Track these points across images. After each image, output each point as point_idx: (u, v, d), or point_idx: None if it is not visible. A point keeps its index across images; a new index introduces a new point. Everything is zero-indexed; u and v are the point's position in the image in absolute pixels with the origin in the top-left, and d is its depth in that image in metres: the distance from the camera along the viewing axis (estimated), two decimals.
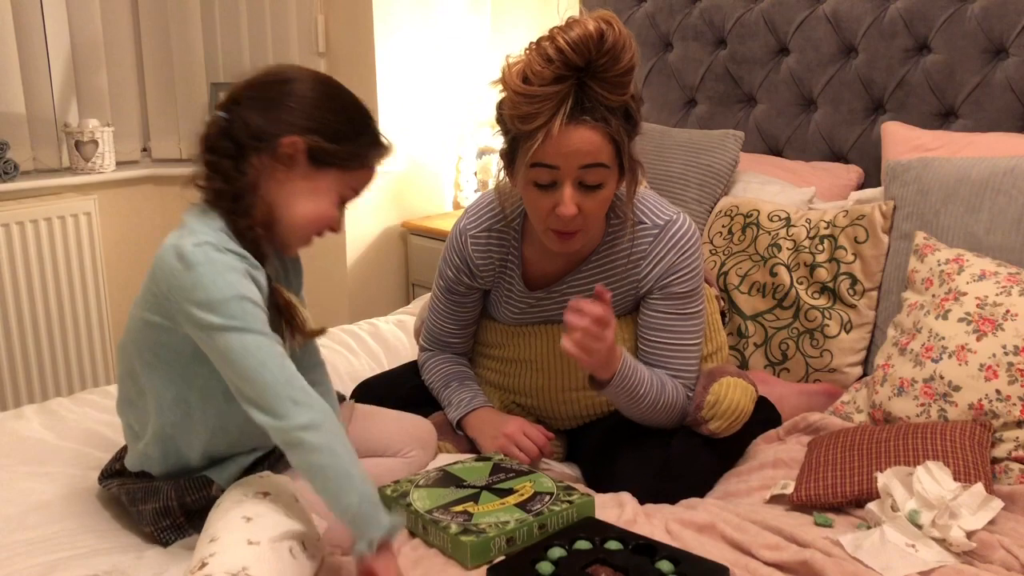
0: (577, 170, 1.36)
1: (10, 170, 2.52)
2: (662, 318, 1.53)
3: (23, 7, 2.58)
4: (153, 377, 1.28)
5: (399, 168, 3.03)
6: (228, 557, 1.07)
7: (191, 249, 1.17)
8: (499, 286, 1.62)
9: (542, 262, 1.57)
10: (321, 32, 2.94)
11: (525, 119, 1.33)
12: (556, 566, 1.17)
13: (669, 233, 1.51)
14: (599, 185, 1.39)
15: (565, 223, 1.40)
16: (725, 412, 1.50)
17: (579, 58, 1.29)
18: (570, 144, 1.34)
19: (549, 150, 1.34)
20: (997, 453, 1.45)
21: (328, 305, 2.99)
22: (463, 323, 1.69)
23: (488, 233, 1.59)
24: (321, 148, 1.26)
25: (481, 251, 1.59)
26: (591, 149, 1.35)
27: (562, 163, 1.35)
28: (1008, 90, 1.99)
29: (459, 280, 1.63)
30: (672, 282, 1.52)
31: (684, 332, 1.54)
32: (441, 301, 1.67)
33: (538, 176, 1.38)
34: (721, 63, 2.45)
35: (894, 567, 1.17)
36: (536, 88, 1.31)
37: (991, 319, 1.54)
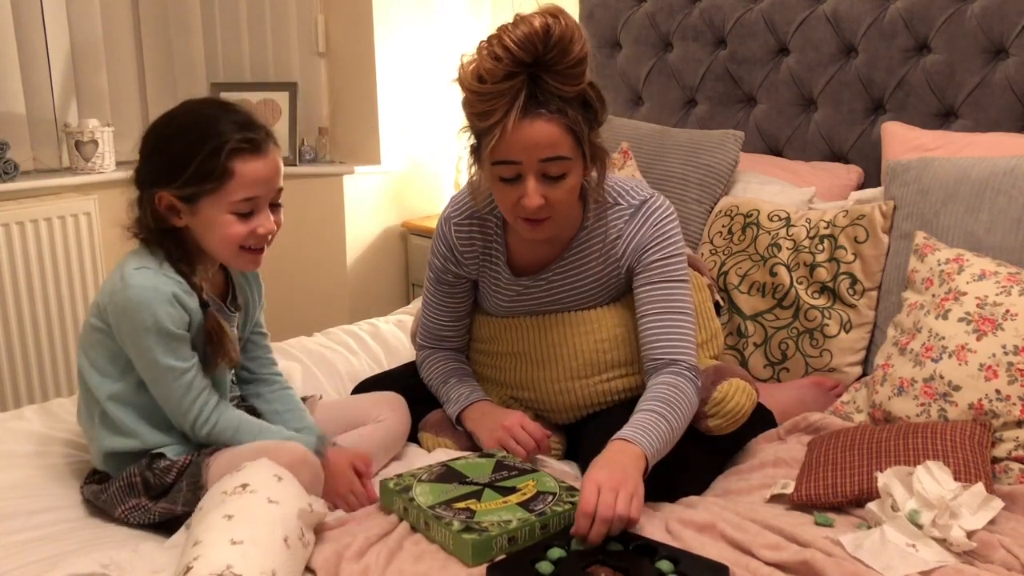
0: (538, 163, 1.39)
1: (10, 170, 2.52)
2: (650, 290, 1.53)
3: (23, 7, 2.58)
4: (94, 375, 1.41)
5: (399, 168, 3.03)
6: (212, 558, 1.08)
7: (131, 271, 1.34)
8: (486, 275, 1.64)
9: (526, 249, 1.60)
10: (321, 32, 2.94)
11: (481, 116, 1.37)
12: (556, 566, 1.17)
13: (643, 211, 1.54)
14: (562, 175, 1.41)
15: (532, 213, 1.43)
16: (728, 412, 1.50)
17: (526, 55, 1.32)
18: (528, 138, 1.36)
19: (508, 146, 1.37)
20: (997, 453, 1.46)
21: (328, 305, 2.99)
22: (456, 315, 1.70)
23: (471, 221, 1.62)
24: (176, 192, 1.34)
25: (464, 238, 1.62)
26: (549, 141, 1.37)
27: (523, 157, 1.38)
28: (1008, 90, 2.00)
29: (446, 269, 1.65)
30: (648, 252, 1.53)
31: (678, 298, 1.52)
32: (432, 293, 1.70)
33: (502, 172, 1.41)
34: (721, 63, 2.46)
35: (894, 567, 1.17)
36: (489, 86, 1.34)
37: (991, 319, 1.54)
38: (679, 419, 1.42)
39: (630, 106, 2.66)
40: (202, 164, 1.32)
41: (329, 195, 2.91)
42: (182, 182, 1.33)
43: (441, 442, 1.60)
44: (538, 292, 1.61)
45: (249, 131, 1.34)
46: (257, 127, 1.36)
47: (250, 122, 1.36)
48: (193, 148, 1.33)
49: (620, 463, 1.29)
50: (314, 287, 2.96)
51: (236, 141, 1.32)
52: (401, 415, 1.60)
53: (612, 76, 2.67)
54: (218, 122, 1.34)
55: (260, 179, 1.35)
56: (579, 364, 1.58)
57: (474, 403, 1.60)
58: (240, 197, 1.34)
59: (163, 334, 1.33)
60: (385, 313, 2.42)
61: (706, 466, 1.54)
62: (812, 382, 1.84)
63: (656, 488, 1.42)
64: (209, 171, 1.32)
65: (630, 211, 1.55)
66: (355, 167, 2.92)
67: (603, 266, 1.57)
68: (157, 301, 1.32)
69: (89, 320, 1.41)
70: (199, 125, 1.34)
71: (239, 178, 1.33)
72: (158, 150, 1.36)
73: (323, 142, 2.99)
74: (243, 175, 1.33)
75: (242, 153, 1.33)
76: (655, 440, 1.36)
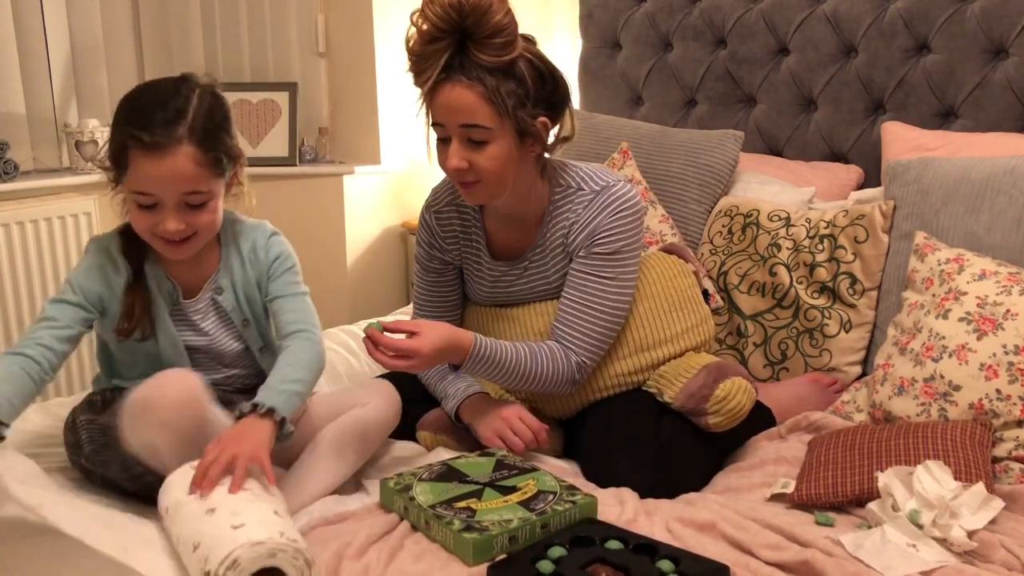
0: (459, 128, 1.48)
1: (10, 170, 2.52)
2: (577, 277, 1.57)
3: (23, 7, 2.58)
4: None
5: (399, 168, 3.03)
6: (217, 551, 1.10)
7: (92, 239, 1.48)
8: (468, 260, 1.70)
9: (504, 232, 1.65)
10: (321, 32, 2.94)
11: (415, 77, 1.49)
12: (557, 565, 1.17)
13: (603, 197, 1.56)
14: (483, 143, 1.48)
15: (456, 175, 1.52)
16: (729, 411, 1.52)
17: (443, 22, 1.42)
18: (446, 101, 1.46)
19: (434, 108, 1.49)
20: (997, 453, 1.46)
21: (328, 305, 2.98)
22: (446, 304, 1.74)
23: (449, 208, 1.69)
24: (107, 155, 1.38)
25: (444, 223, 1.70)
26: (465, 107, 1.45)
27: (445, 119, 1.48)
28: (1008, 90, 2.00)
29: (431, 256, 1.71)
30: (596, 241, 1.55)
31: (596, 295, 1.56)
32: (421, 284, 1.75)
33: (437, 133, 1.52)
34: (721, 63, 2.46)
35: (895, 567, 1.17)
36: (417, 48, 1.46)
37: (991, 319, 1.54)
38: (532, 369, 1.52)
39: (630, 106, 2.66)
40: (109, 148, 1.37)
41: (329, 195, 2.90)
42: (109, 147, 1.38)
43: (440, 440, 1.59)
44: (518, 279, 1.66)
45: (151, 129, 1.32)
46: (166, 129, 1.33)
47: (166, 120, 1.33)
48: (111, 131, 1.38)
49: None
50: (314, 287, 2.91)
51: (132, 136, 1.32)
52: (387, 398, 1.57)
53: (612, 76, 2.67)
54: (133, 111, 1.36)
55: (153, 178, 1.34)
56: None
57: (471, 396, 1.60)
58: (136, 189, 1.35)
59: (70, 292, 1.42)
60: (385, 313, 2.42)
61: (705, 463, 1.56)
62: (810, 379, 1.84)
63: (655, 484, 1.43)
64: (111, 157, 1.37)
65: (590, 196, 1.57)
66: (355, 167, 2.92)
67: (564, 250, 1.60)
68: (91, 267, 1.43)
69: None
70: (121, 109, 1.38)
71: (132, 172, 1.34)
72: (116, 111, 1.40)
73: (323, 142, 2.99)
74: (136, 170, 1.34)
75: (137, 149, 1.33)
76: (495, 354, 1.50)
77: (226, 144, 1.40)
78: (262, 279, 1.52)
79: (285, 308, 1.50)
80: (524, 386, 1.55)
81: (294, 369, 1.39)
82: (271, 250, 1.53)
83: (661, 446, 1.50)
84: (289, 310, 1.49)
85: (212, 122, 1.37)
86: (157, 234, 1.38)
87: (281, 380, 1.36)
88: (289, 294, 1.51)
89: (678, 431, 1.54)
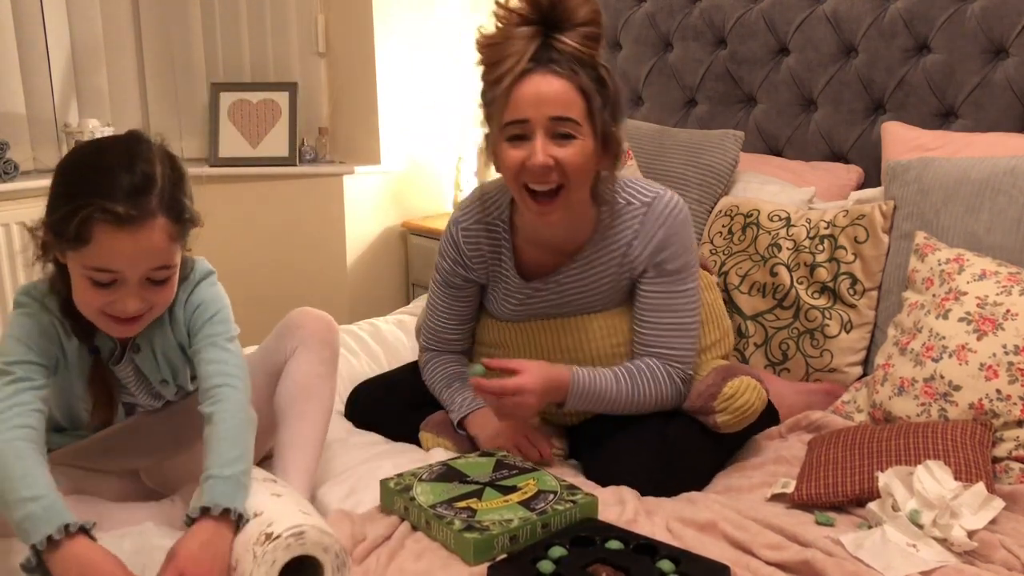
0: (547, 120, 1.38)
1: (10, 170, 2.52)
2: (658, 297, 1.53)
3: (23, 7, 2.58)
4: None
5: (399, 168, 3.03)
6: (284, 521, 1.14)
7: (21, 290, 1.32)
8: (495, 279, 1.63)
9: (535, 253, 1.58)
10: (321, 32, 2.94)
11: (494, 67, 1.39)
12: (557, 565, 1.17)
13: (656, 210, 1.51)
14: (571, 136, 1.40)
15: (539, 176, 1.40)
16: (737, 409, 1.50)
17: (532, 8, 1.37)
18: (538, 91, 1.37)
19: (518, 100, 1.38)
20: (997, 453, 1.46)
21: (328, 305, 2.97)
22: (461, 318, 1.69)
23: (478, 225, 1.61)
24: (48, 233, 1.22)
25: (472, 242, 1.61)
26: (559, 98, 1.38)
27: (531, 113, 1.38)
28: (1008, 90, 2.00)
29: (455, 272, 1.64)
30: (664, 259, 1.52)
31: (680, 310, 1.53)
32: (439, 296, 1.68)
33: (511, 131, 1.41)
34: (721, 63, 2.46)
35: (895, 567, 1.17)
36: (502, 33, 1.39)
37: (991, 319, 1.54)
38: (635, 393, 1.49)
39: (630, 106, 2.66)
40: (61, 219, 1.17)
41: (329, 195, 2.90)
42: (48, 226, 1.22)
43: (441, 442, 1.59)
44: (548, 296, 1.59)
45: (124, 202, 1.16)
46: (138, 199, 1.18)
47: (136, 189, 1.18)
48: (60, 198, 1.20)
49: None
50: (314, 287, 2.96)
51: (100, 209, 1.15)
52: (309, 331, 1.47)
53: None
54: (95, 179, 1.18)
55: (123, 255, 1.19)
56: (591, 354, 1.57)
57: (477, 409, 1.59)
58: (95, 266, 1.19)
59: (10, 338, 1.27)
60: (385, 313, 2.42)
61: (708, 463, 1.55)
62: (824, 389, 1.83)
63: (659, 483, 1.43)
64: (63, 230, 1.18)
65: (643, 210, 1.52)
66: (355, 167, 2.92)
67: (618, 268, 1.55)
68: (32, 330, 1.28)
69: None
70: (75, 173, 1.22)
71: (96, 247, 1.17)
72: (52, 180, 1.24)
73: (323, 142, 2.99)
74: (101, 245, 1.17)
75: (104, 223, 1.16)
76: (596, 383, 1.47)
77: (190, 211, 1.25)
78: (183, 337, 1.38)
79: (204, 360, 1.33)
80: (627, 411, 1.51)
81: (230, 445, 1.24)
82: (190, 304, 1.36)
83: (666, 444, 1.49)
84: (208, 362, 1.32)
85: (178, 187, 1.24)
86: (109, 313, 1.23)
87: (222, 464, 1.22)
88: (207, 346, 1.34)
89: (685, 430, 1.53)
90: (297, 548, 1.12)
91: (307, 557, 1.13)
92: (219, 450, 1.23)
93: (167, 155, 1.26)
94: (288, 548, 1.11)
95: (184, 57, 2.92)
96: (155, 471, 1.46)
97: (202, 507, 1.16)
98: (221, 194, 2.87)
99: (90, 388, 1.35)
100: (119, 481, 1.45)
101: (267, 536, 1.12)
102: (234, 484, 1.20)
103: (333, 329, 1.51)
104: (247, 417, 1.29)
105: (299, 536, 1.12)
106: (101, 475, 1.43)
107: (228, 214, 2.84)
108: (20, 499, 1.13)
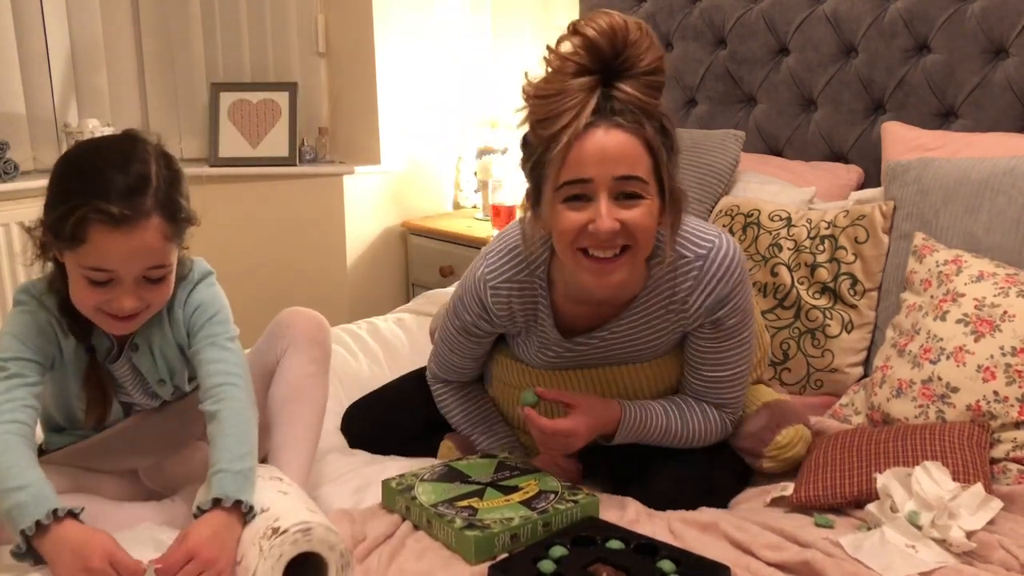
0: (612, 181, 1.24)
1: (10, 170, 2.52)
2: (713, 351, 1.43)
3: (23, 7, 2.58)
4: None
5: (399, 168, 3.03)
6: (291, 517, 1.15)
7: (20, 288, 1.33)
8: (530, 334, 1.48)
9: (575, 309, 1.43)
10: (321, 32, 2.94)
11: (548, 122, 1.24)
12: (558, 564, 1.17)
13: (715, 264, 1.37)
14: (638, 196, 1.26)
15: (603, 242, 1.26)
16: (787, 459, 1.47)
17: (606, 44, 1.21)
18: (602, 148, 1.23)
19: (578, 157, 1.23)
20: (995, 454, 1.46)
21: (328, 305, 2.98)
22: (477, 358, 1.58)
23: (509, 284, 1.43)
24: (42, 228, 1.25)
25: (502, 302, 1.44)
26: (625, 155, 1.24)
27: (594, 172, 1.24)
28: (1008, 90, 2.00)
29: (477, 325, 1.49)
30: (723, 315, 1.39)
31: (734, 363, 1.44)
32: (454, 339, 1.54)
33: (568, 192, 1.26)
34: (721, 63, 2.46)
35: (894, 568, 1.17)
36: (557, 84, 1.23)
37: (989, 320, 1.54)
38: (684, 429, 1.44)
39: None
40: (58, 219, 1.19)
41: (329, 195, 2.91)
42: (45, 226, 1.24)
43: (446, 445, 1.59)
44: (591, 351, 1.46)
45: (118, 202, 1.17)
46: (133, 199, 1.19)
47: (130, 189, 1.19)
48: (56, 198, 1.21)
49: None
50: (314, 287, 2.96)
51: (95, 209, 1.17)
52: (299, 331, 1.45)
53: None
54: (90, 180, 1.19)
55: (117, 255, 1.20)
56: (634, 391, 1.49)
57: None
58: (91, 265, 1.21)
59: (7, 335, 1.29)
60: (385, 313, 2.42)
61: (731, 491, 1.50)
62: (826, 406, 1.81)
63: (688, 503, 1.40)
64: (59, 230, 1.20)
65: (699, 263, 1.37)
66: (355, 167, 2.93)
67: (671, 323, 1.43)
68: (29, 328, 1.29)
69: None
70: (70, 173, 1.23)
71: (91, 247, 1.19)
72: (49, 180, 1.25)
73: (323, 142, 2.99)
74: (96, 245, 1.19)
75: (99, 223, 1.17)
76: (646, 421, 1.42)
77: (186, 210, 1.26)
78: (182, 337, 1.38)
79: (205, 360, 1.33)
80: (673, 446, 1.45)
81: (238, 441, 1.26)
82: (189, 304, 1.37)
83: (710, 485, 1.44)
84: (209, 361, 1.33)
85: (173, 187, 1.24)
86: (106, 311, 1.25)
87: (231, 459, 1.23)
88: (208, 346, 1.34)
89: (728, 469, 1.49)
90: (304, 544, 1.13)
91: (311, 555, 1.14)
92: (227, 445, 1.25)
93: (163, 154, 1.27)
94: (295, 543, 1.12)
95: (184, 57, 2.92)
96: (154, 471, 1.46)
97: (214, 498, 1.18)
98: (221, 194, 2.87)
99: (85, 386, 1.36)
100: (119, 481, 1.45)
101: (274, 531, 1.13)
102: (243, 478, 1.22)
103: (324, 328, 1.51)
104: (251, 415, 1.31)
105: (306, 532, 1.13)
106: (101, 475, 1.44)
107: (228, 214, 2.84)
108: (7, 489, 1.15)
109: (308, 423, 1.43)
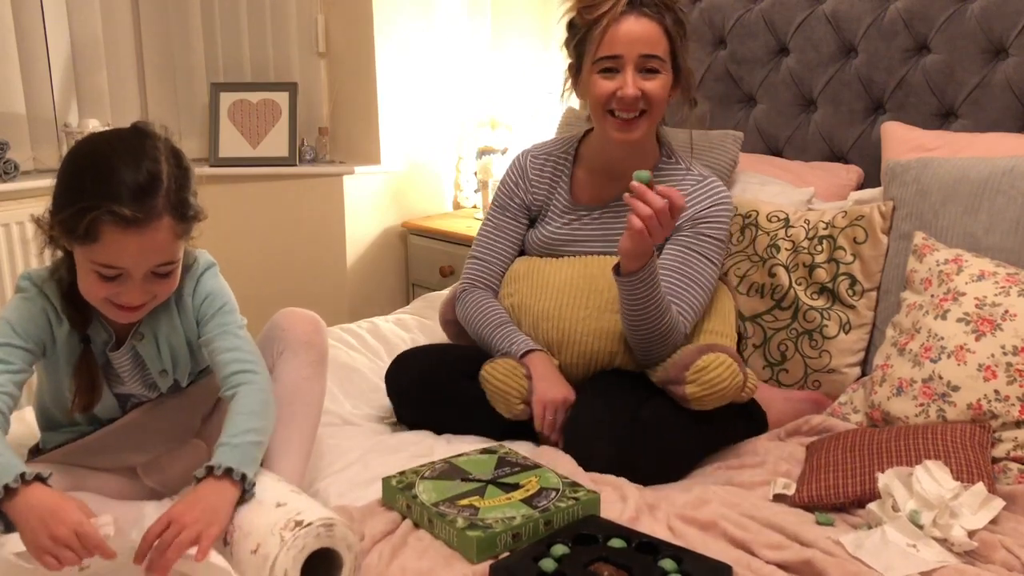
0: (637, 58, 1.62)
1: (10, 170, 2.52)
2: (686, 254, 1.68)
3: (23, 7, 2.58)
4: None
5: (399, 168, 3.03)
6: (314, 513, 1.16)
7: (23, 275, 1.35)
8: (546, 207, 1.83)
9: (593, 181, 1.79)
10: (321, 32, 2.94)
11: (592, 8, 1.62)
12: (559, 563, 1.17)
13: (712, 186, 1.73)
14: (656, 71, 1.64)
15: (627, 104, 1.63)
16: (707, 382, 1.50)
17: None
18: (631, 32, 1.61)
19: (612, 39, 1.61)
20: (996, 453, 1.46)
21: (328, 305, 2.99)
22: (505, 250, 1.85)
23: (546, 156, 1.86)
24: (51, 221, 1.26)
25: (537, 168, 1.85)
26: (649, 38, 1.62)
27: (624, 51, 1.62)
28: (1008, 90, 2.00)
29: (513, 194, 1.85)
30: (704, 226, 1.69)
31: (702, 272, 1.68)
32: (491, 223, 1.87)
33: (603, 65, 1.64)
34: (721, 63, 2.46)
35: (895, 567, 1.17)
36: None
37: (990, 319, 1.54)
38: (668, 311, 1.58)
39: None
40: (69, 218, 1.21)
41: (329, 195, 2.91)
42: (56, 220, 1.25)
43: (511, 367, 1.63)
44: (590, 224, 1.77)
45: (130, 204, 1.19)
46: (144, 201, 1.20)
47: (142, 190, 1.20)
48: (68, 196, 1.23)
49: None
50: (314, 287, 2.96)
51: (108, 211, 1.18)
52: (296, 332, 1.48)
53: None
54: (103, 180, 1.20)
55: (127, 254, 1.22)
56: (612, 296, 1.64)
57: (538, 351, 1.68)
58: (102, 262, 1.23)
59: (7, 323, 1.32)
60: (385, 313, 2.42)
61: (682, 448, 1.55)
62: (812, 398, 1.83)
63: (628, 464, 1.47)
64: (72, 227, 1.21)
65: (699, 178, 1.74)
66: (355, 167, 2.93)
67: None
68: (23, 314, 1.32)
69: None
70: (81, 171, 1.24)
71: (103, 246, 1.21)
72: (59, 174, 1.26)
73: (323, 142, 2.99)
74: (108, 244, 1.21)
75: (111, 224, 1.19)
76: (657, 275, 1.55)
77: (195, 208, 1.28)
78: (191, 327, 1.41)
79: (220, 349, 1.36)
80: (653, 329, 1.57)
81: (246, 418, 1.28)
82: (198, 294, 1.39)
83: (639, 425, 1.51)
84: (224, 350, 1.36)
85: (183, 186, 1.26)
86: (114, 302, 1.27)
87: (235, 433, 1.26)
88: (220, 335, 1.37)
89: (659, 411, 1.54)
90: (326, 539, 1.14)
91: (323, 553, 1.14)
92: (235, 422, 1.28)
93: (173, 151, 1.28)
94: (318, 537, 1.13)
95: (184, 57, 2.92)
96: (154, 470, 1.47)
97: (207, 467, 1.21)
98: (221, 194, 2.87)
99: (75, 373, 1.37)
100: (118, 480, 1.46)
101: (297, 523, 1.13)
102: (242, 451, 1.24)
103: (319, 329, 1.51)
104: (267, 399, 1.34)
105: (329, 528, 1.14)
106: (102, 475, 1.44)
107: (228, 214, 2.84)
108: None
109: (302, 427, 1.44)
